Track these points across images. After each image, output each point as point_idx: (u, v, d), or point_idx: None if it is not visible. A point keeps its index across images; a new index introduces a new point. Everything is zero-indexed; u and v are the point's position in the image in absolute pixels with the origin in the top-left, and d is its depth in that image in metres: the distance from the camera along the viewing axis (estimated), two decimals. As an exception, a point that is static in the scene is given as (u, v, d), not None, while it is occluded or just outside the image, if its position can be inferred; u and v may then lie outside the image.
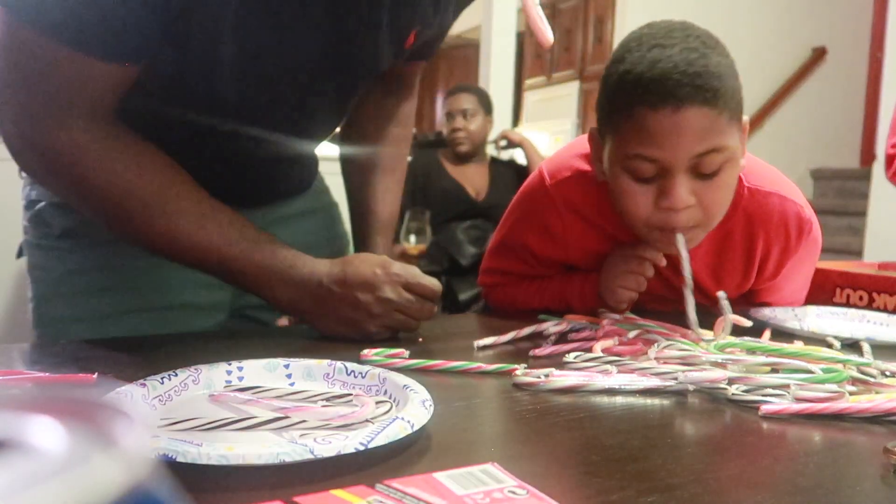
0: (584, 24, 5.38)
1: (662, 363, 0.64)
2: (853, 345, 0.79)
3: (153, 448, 0.37)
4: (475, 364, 0.64)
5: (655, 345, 0.70)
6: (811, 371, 0.60)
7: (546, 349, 0.72)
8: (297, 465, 0.39)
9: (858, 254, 3.92)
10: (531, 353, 0.71)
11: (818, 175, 5.27)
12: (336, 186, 1.05)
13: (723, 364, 0.62)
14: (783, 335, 0.82)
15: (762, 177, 0.88)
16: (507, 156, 3.17)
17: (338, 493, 0.35)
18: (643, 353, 0.70)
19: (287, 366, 0.57)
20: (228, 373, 0.55)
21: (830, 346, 0.76)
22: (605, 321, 0.81)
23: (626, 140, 0.77)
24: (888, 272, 1.10)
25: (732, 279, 0.94)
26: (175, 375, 0.51)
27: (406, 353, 0.66)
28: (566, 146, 0.99)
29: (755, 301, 1.00)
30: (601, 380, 0.60)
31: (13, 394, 0.45)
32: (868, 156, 5.11)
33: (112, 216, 0.71)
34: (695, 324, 0.76)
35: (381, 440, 0.41)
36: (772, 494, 0.41)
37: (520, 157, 3.08)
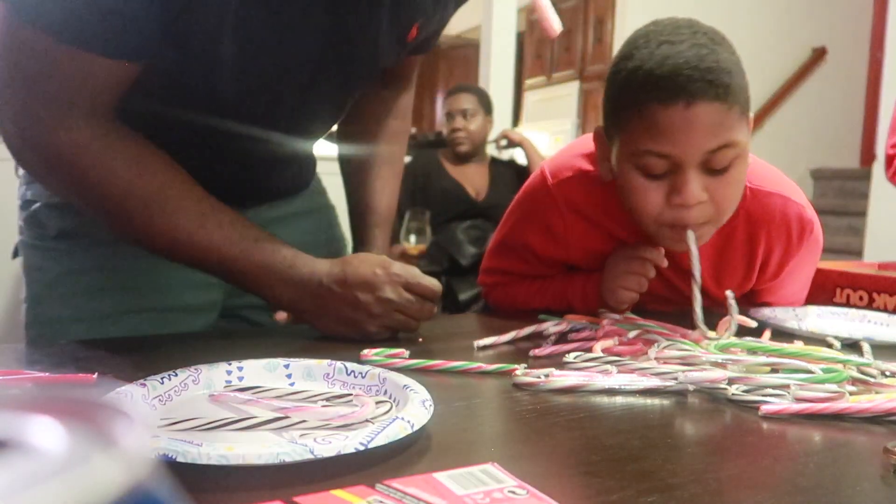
0: (584, 24, 5.38)
1: (662, 363, 0.64)
2: (853, 345, 0.79)
3: (153, 448, 0.37)
4: (475, 364, 0.64)
5: (655, 345, 0.70)
6: (811, 371, 0.60)
7: (546, 349, 0.72)
8: (297, 465, 0.39)
9: (858, 254, 3.92)
10: (531, 353, 0.71)
11: (818, 175, 5.27)
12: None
13: (723, 364, 0.62)
14: (783, 335, 0.82)
15: (764, 177, 0.88)
16: (507, 156, 3.17)
17: (338, 493, 0.35)
18: (643, 354, 0.70)
19: (287, 366, 0.57)
20: (228, 373, 0.55)
21: (830, 346, 0.76)
22: (605, 321, 0.81)
23: (637, 136, 0.76)
24: (888, 272, 1.10)
25: (734, 279, 0.93)
26: (175, 375, 0.51)
27: (406, 353, 0.66)
28: (568, 146, 0.99)
29: (756, 301, 1.00)
30: (601, 380, 0.60)
31: (13, 394, 0.45)
32: (868, 156, 5.11)
33: (112, 215, 0.71)
34: (701, 321, 0.76)
35: (381, 440, 0.41)
36: (772, 494, 0.41)
37: (520, 157, 3.08)
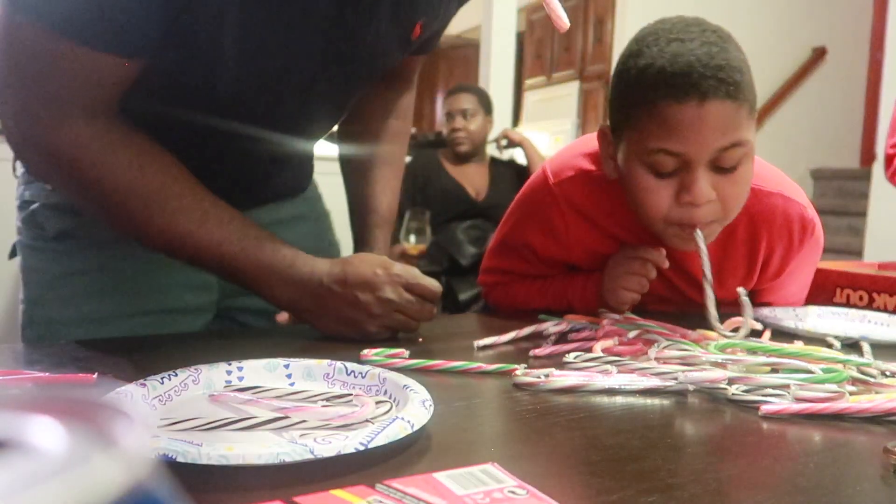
0: (584, 24, 5.37)
1: (662, 363, 0.64)
2: (853, 345, 0.79)
3: (153, 448, 0.37)
4: (475, 364, 0.64)
5: (655, 345, 0.70)
6: (811, 371, 0.60)
7: (546, 349, 0.72)
8: (297, 465, 0.39)
9: (858, 254, 3.92)
10: (531, 353, 0.71)
11: (818, 175, 5.27)
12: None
13: (723, 364, 0.62)
14: (783, 335, 0.82)
15: (765, 177, 0.88)
16: (507, 156, 3.17)
17: (338, 493, 0.35)
18: (643, 354, 0.70)
19: (287, 366, 0.57)
20: (228, 373, 0.55)
21: (830, 346, 0.76)
22: (605, 321, 0.81)
23: (647, 134, 0.76)
24: (888, 272, 1.10)
25: (735, 279, 0.93)
26: (175, 375, 0.51)
27: (406, 353, 0.66)
28: (569, 145, 0.99)
29: (756, 301, 1.00)
30: (601, 380, 0.60)
31: (13, 394, 0.45)
32: (868, 156, 5.11)
33: (113, 213, 0.71)
34: (715, 319, 0.75)
35: (381, 440, 0.41)
36: (772, 494, 0.41)
37: (520, 157, 3.08)
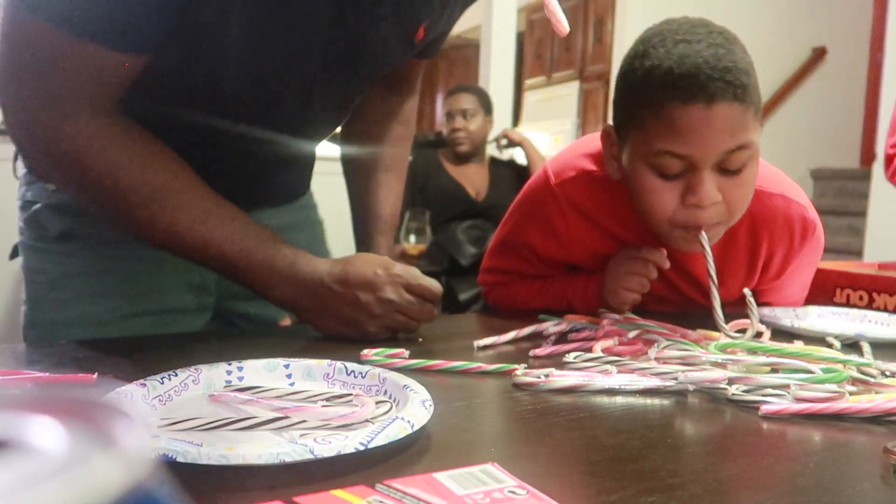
0: (584, 25, 5.37)
1: (662, 363, 0.64)
2: (853, 345, 0.79)
3: (153, 448, 0.37)
4: (475, 364, 0.64)
5: (655, 345, 0.70)
6: (811, 371, 0.60)
7: (546, 349, 0.72)
8: (297, 465, 0.39)
9: (858, 254, 3.91)
10: (531, 353, 0.71)
11: (818, 175, 5.27)
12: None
13: (723, 364, 0.62)
14: (783, 335, 0.82)
15: (767, 178, 0.88)
16: (507, 156, 3.17)
17: (338, 493, 0.35)
18: (643, 353, 0.70)
19: (287, 366, 0.57)
20: (228, 373, 0.55)
21: (830, 346, 0.76)
22: (605, 321, 0.81)
23: (653, 136, 0.76)
24: (888, 272, 1.10)
25: (736, 280, 0.93)
26: (175, 375, 0.51)
27: (406, 353, 0.66)
28: (570, 146, 0.99)
29: (757, 301, 1.00)
30: (601, 380, 0.60)
31: (13, 394, 0.45)
32: (868, 156, 5.11)
33: (115, 210, 0.71)
34: (721, 319, 0.75)
35: (381, 440, 0.41)
36: (772, 494, 0.41)
37: (520, 157, 3.08)
